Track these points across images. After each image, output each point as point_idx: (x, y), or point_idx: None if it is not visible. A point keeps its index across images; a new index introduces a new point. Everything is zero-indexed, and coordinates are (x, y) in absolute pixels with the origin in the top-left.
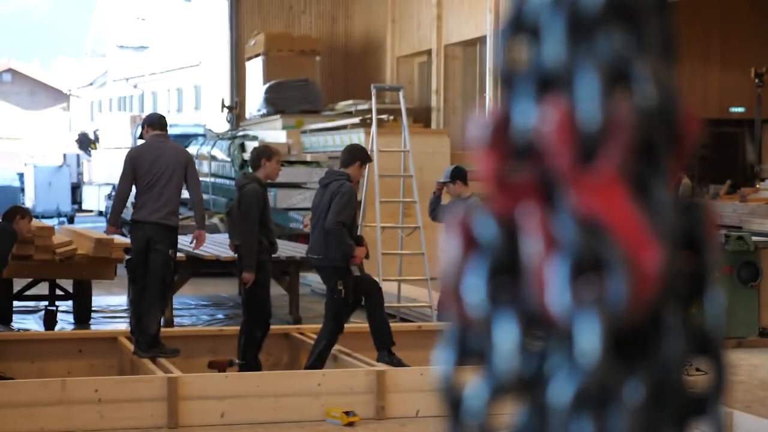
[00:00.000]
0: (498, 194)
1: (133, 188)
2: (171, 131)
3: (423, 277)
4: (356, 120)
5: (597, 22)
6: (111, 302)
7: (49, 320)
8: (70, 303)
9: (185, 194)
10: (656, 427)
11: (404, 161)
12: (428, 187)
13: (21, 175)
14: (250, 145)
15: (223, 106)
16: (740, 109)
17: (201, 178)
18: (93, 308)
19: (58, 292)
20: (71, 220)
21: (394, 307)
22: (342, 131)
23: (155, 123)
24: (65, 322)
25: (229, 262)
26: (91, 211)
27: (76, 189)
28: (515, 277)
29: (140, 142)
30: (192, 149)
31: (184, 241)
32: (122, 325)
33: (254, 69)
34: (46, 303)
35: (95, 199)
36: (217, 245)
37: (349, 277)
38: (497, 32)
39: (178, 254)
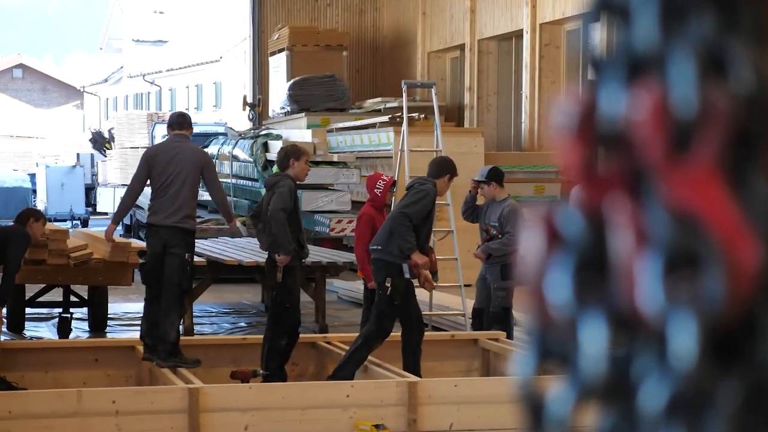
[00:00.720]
0: (584, 186)
1: (145, 190)
2: None
3: (456, 283)
4: (385, 118)
5: (692, 2)
6: (128, 309)
7: (64, 328)
8: (85, 310)
9: (204, 196)
10: None
11: None
12: (461, 189)
13: (32, 176)
14: (274, 145)
15: (245, 103)
16: None
17: (221, 179)
18: (109, 315)
19: (73, 298)
20: (85, 224)
21: (426, 315)
22: (370, 130)
23: (173, 123)
24: (80, 330)
25: (251, 267)
26: (105, 213)
27: (90, 191)
28: (603, 275)
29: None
30: (212, 149)
31: (206, 246)
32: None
33: (278, 64)
34: (60, 310)
35: (110, 201)
36: (239, 249)
37: (401, 278)
38: (582, 12)
39: (199, 259)
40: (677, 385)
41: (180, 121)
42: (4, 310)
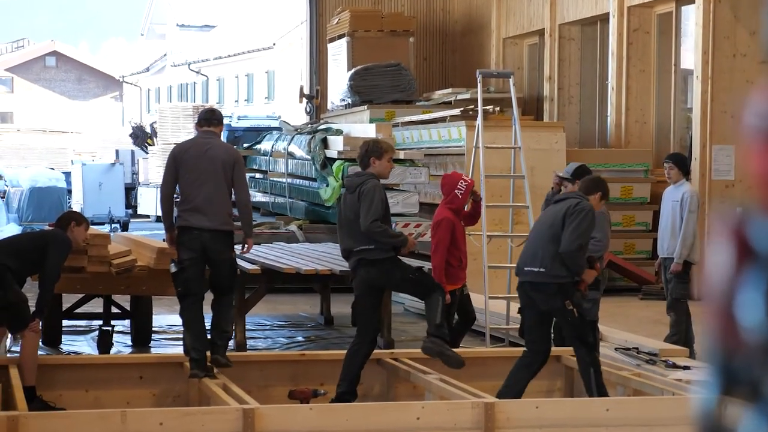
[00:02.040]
0: None
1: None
2: (240, 124)
3: None
4: (456, 111)
5: None
6: (174, 321)
7: (104, 342)
8: (127, 322)
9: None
10: None
11: (514, 160)
12: (541, 189)
13: (67, 175)
14: (334, 141)
15: (302, 95)
16: None
17: (275, 179)
18: (153, 328)
19: (114, 309)
20: (125, 227)
21: (503, 329)
22: (440, 124)
23: (202, 119)
24: (122, 345)
25: (310, 276)
26: (147, 216)
27: (130, 191)
28: None
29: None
30: (265, 145)
31: (260, 252)
32: None
33: (337, 52)
34: (101, 322)
35: (152, 202)
36: (296, 256)
37: (579, 293)
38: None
39: (252, 266)
40: None
41: (209, 117)
42: (41, 323)
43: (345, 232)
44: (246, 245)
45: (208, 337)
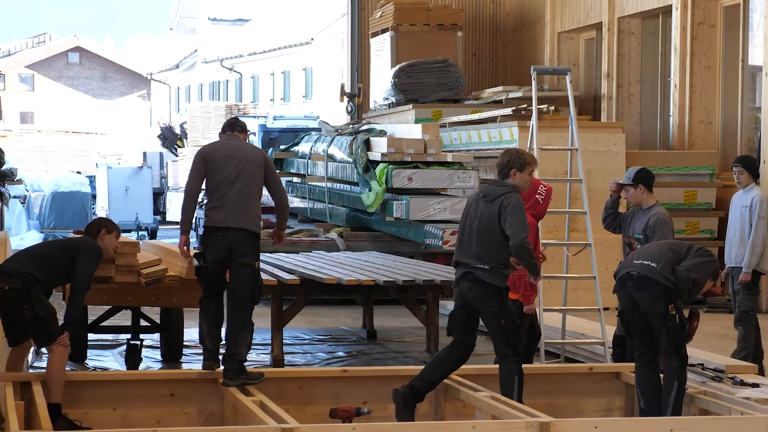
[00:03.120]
0: None
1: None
2: (276, 125)
3: (594, 306)
4: (507, 111)
5: None
6: None
7: (133, 357)
8: (157, 336)
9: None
10: None
11: (570, 162)
12: (599, 194)
13: (92, 179)
14: (377, 142)
15: (343, 93)
16: None
17: (314, 183)
18: (185, 342)
19: (143, 322)
20: (153, 234)
21: (558, 343)
22: (490, 125)
23: (225, 126)
24: (151, 360)
25: (352, 287)
26: (176, 223)
27: (158, 196)
28: None
29: None
30: (303, 147)
31: (298, 261)
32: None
33: (381, 47)
34: (128, 336)
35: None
36: (337, 266)
37: (680, 300)
38: None
39: (291, 276)
40: None
41: (232, 123)
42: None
43: (467, 241)
44: (277, 238)
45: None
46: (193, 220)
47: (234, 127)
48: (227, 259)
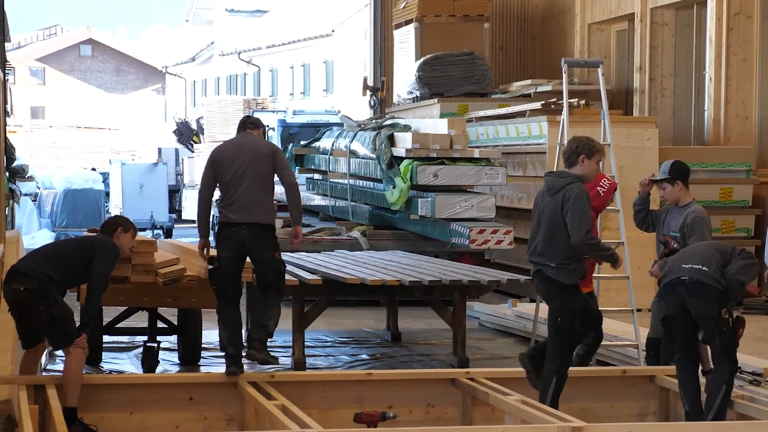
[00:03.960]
0: None
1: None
2: (295, 120)
3: (627, 307)
4: (536, 105)
5: None
6: None
7: (149, 360)
8: (174, 338)
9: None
10: None
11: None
12: (632, 191)
13: (105, 176)
14: (401, 138)
15: (366, 87)
16: None
17: (336, 180)
18: (203, 344)
19: (160, 324)
20: (169, 233)
21: None
22: (518, 119)
23: (239, 126)
24: (168, 363)
25: (376, 287)
26: (193, 221)
27: (174, 193)
28: None
29: None
30: (325, 142)
31: (320, 260)
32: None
33: (404, 39)
34: (145, 338)
35: None
36: (360, 265)
37: (731, 304)
38: None
39: (313, 276)
40: None
41: (244, 121)
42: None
43: (536, 237)
44: (294, 236)
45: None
46: (211, 220)
47: (246, 125)
48: (241, 258)
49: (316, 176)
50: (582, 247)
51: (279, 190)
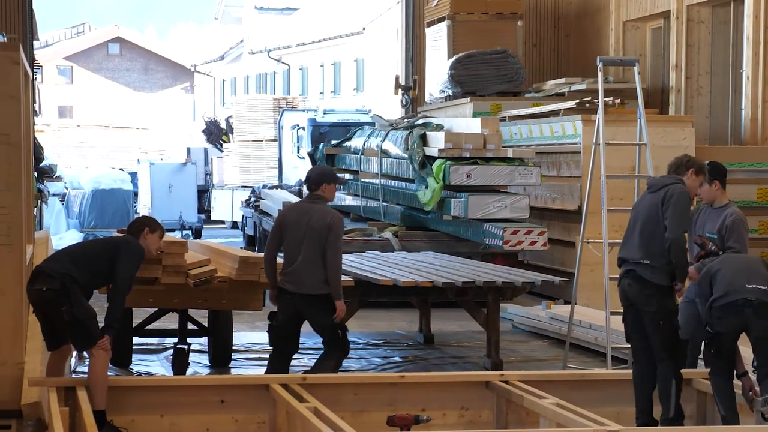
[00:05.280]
0: None
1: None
2: (326, 119)
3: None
4: (571, 104)
5: None
6: (256, 339)
7: (180, 362)
8: (204, 340)
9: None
10: None
11: (639, 158)
12: None
13: (133, 176)
14: (433, 137)
15: (398, 85)
16: None
17: (368, 180)
18: (234, 347)
19: (191, 325)
20: (198, 234)
21: (625, 348)
22: (552, 119)
23: (310, 180)
24: (198, 365)
25: (408, 288)
26: (222, 222)
27: (203, 193)
28: None
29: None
30: (356, 142)
31: (353, 261)
32: None
33: (437, 37)
34: (175, 340)
35: (227, 206)
36: (392, 267)
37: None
38: None
39: (345, 278)
40: None
41: (318, 180)
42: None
43: (631, 236)
44: (337, 310)
45: None
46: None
47: (320, 183)
48: (297, 320)
49: (348, 176)
50: (674, 244)
51: None
